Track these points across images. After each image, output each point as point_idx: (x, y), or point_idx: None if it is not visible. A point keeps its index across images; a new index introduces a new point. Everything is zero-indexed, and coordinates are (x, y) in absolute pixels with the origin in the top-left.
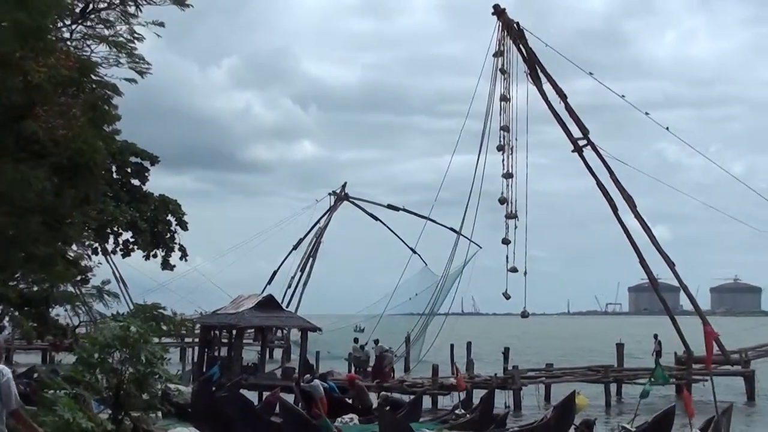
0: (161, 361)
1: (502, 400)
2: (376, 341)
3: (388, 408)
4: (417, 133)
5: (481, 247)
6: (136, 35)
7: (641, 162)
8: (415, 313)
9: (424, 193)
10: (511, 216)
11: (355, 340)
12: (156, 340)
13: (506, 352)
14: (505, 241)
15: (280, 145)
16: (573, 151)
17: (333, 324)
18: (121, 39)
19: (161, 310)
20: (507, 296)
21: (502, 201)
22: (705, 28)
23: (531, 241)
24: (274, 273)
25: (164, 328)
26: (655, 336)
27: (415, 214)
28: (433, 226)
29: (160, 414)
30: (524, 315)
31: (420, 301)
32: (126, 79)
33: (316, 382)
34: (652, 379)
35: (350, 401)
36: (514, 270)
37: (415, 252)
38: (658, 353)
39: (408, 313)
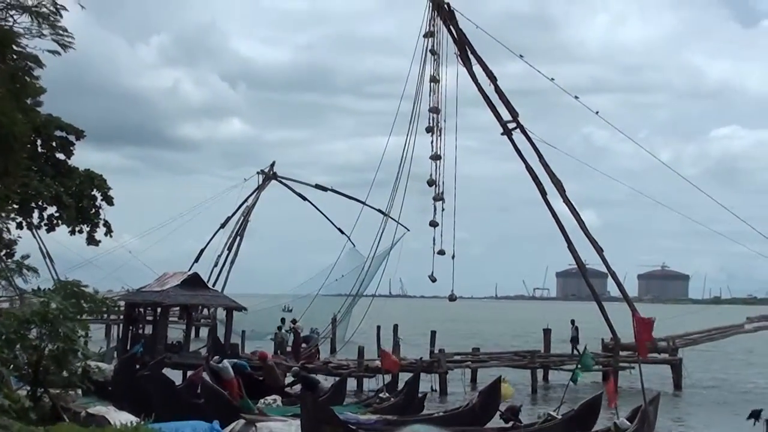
0: (81, 339)
1: (428, 384)
2: (294, 321)
3: (300, 385)
4: (345, 113)
5: (408, 230)
6: (59, 5)
7: (570, 146)
8: (343, 294)
9: (352, 174)
10: (439, 198)
11: (282, 321)
12: (78, 317)
13: (433, 336)
14: (433, 224)
15: (209, 123)
16: (502, 134)
17: (260, 304)
18: (44, 10)
19: (82, 287)
20: (433, 279)
21: (431, 183)
22: (635, 13)
23: (459, 224)
24: (201, 251)
25: (85, 305)
26: (572, 322)
27: (343, 195)
28: (361, 207)
29: (80, 391)
30: (452, 298)
31: (347, 282)
32: (49, 51)
33: (225, 363)
34: (579, 366)
35: (262, 379)
36: (441, 253)
37: (342, 233)
38: (575, 339)
39: (335, 293)
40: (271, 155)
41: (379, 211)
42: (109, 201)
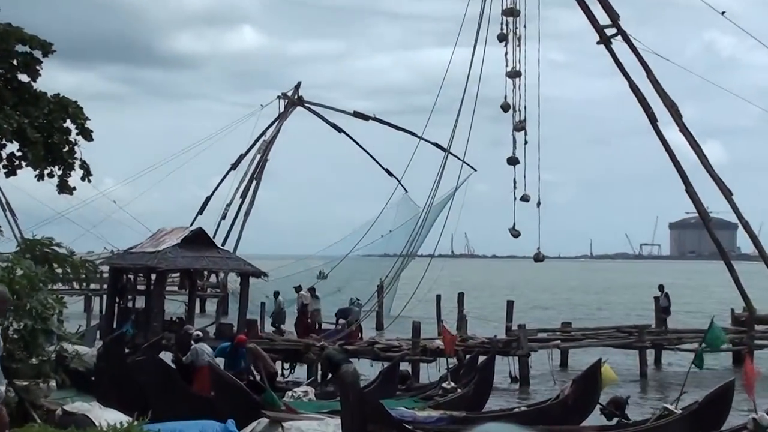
0: (55, 315)
1: (504, 369)
2: (298, 288)
3: (330, 372)
4: (388, 18)
5: (475, 170)
6: None
7: (688, 59)
8: (391, 254)
9: (399, 98)
10: (519, 127)
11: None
12: (50, 286)
13: (510, 307)
14: (512, 161)
15: (212, 33)
16: (598, 43)
17: (284, 268)
18: None
19: (55, 248)
20: (516, 233)
21: (506, 108)
22: None
23: (544, 161)
24: (207, 200)
25: (58, 271)
26: (661, 288)
27: (391, 125)
28: (416, 141)
29: (54, 383)
30: (538, 258)
31: (397, 239)
32: None
33: (201, 344)
34: (704, 345)
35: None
36: (525, 199)
37: (391, 175)
38: (666, 310)
39: (381, 253)
40: (296, 75)
41: (438, 146)
42: (87, 135)
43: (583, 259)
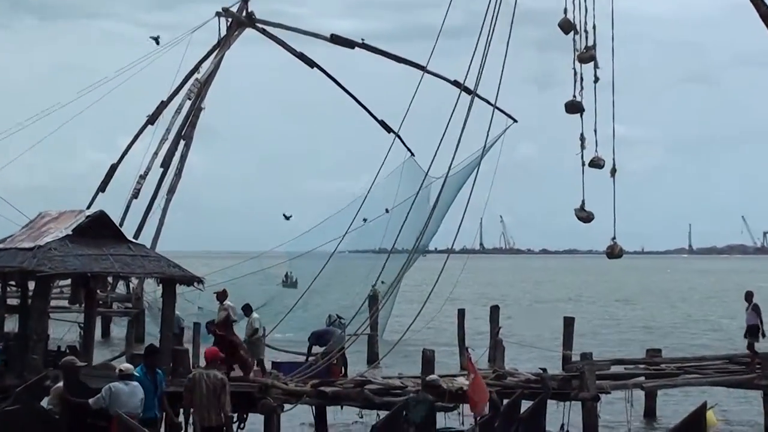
0: None
1: (557, 419)
2: (247, 310)
3: None
4: None
5: (516, 121)
6: None
7: None
8: (387, 248)
9: (396, 13)
10: (586, 57)
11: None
12: None
13: (568, 328)
14: (574, 108)
15: None
16: None
17: (230, 269)
18: None
19: None
20: (586, 216)
21: (567, 27)
22: None
23: (622, 109)
24: (112, 171)
25: None
26: (749, 297)
27: (385, 54)
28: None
29: None
30: (613, 253)
31: (396, 225)
32: None
33: (119, 384)
34: None
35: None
36: (595, 164)
37: (388, 129)
38: (754, 331)
39: (373, 248)
40: None
41: (458, 85)
42: None
43: (680, 255)
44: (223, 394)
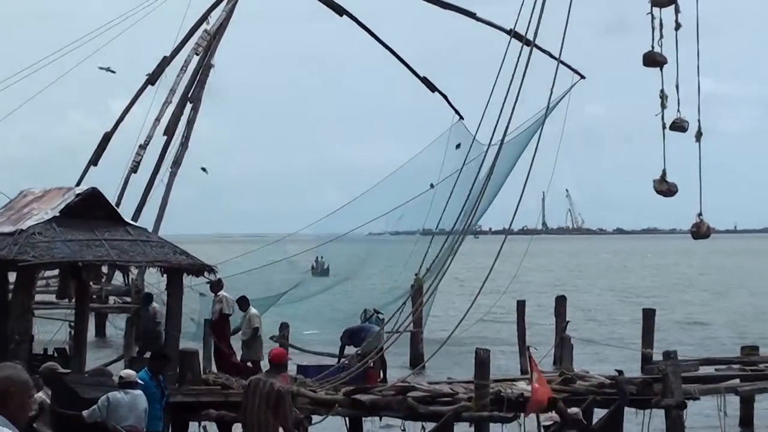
0: None
1: (637, 429)
2: (215, 284)
3: None
4: None
5: (583, 77)
6: None
7: None
8: (432, 229)
9: None
10: None
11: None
12: None
13: (648, 321)
14: (653, 60)
15: None
16: None
17: (249, 257)
18: None
19: None
20: (666, 187)
21: None
22: None
23: (708, 61)
24: (105, 140)
25: None
26: None
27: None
28: (466, 29)
29: None
30: (700, 232)
31: (440, 201)
32: None
33: (120, 393)
34: None
35: None
36: (678, 127)
37: (432, 87)
38: None
39: (412, 230)
40: None
41: (512, 34)
42: None
43: None
44: (282, 407)
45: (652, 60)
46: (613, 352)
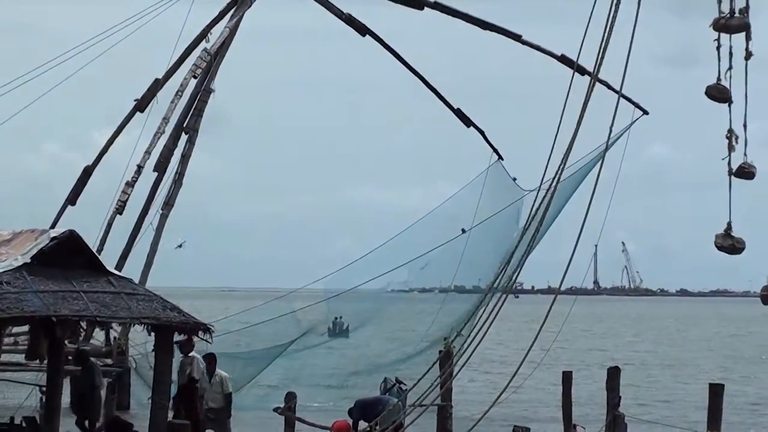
0: None
1: None
2: (211, 360)
3: None
4: None
5: (646, 112)
6: None
7: None
8: (465, 286)
9: None
10: (735, 24)
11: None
12: None
13: (715, 398)
14: (717, 94)
15: None
16: None
17: (251, 312)
18: None
19: None
20: (730, 244)
21: None
22: None
23: None
24: (86, 175)
25: None
26: None
27: (466, 18)
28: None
29: None
30: None
31: (474, 254)
32: None
33: None
34: None
35: None
36: (746, 173)
37: (467, 122)
38: None
39: (438, 286)
40: None
41: (566, 60)
42: None
43: None
44: None
45: (717, 94)
46: None
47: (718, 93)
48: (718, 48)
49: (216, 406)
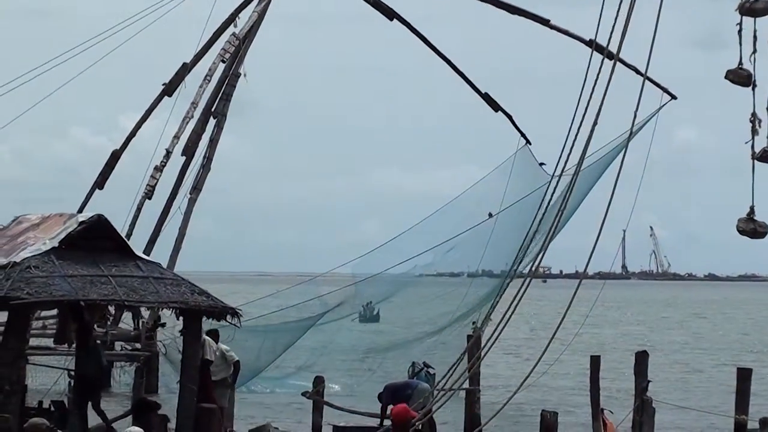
0: None
1: None
2: (214, 335)
3: None
4: None
5: (675, 97)
6: None
7: None
8: (491, 271)
9: None
10: (761, 6)
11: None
12: None
13: (743, 383)
14: (739, 78)
15: None
16: None
17: (279, 295)
18: None
19: None
20: (752, 229)
21: None
22: None
23: None
24: (114, 159)
25: None
26: None
27: (498, 4)
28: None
29: None
30: None
31: (501, 239)
32: None
33: None
34: None
35: None
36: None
37: (496, 107)
38: None
39: (464, 270)
40: None
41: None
42: None
43: None
44: None
45: (738, 78)
46: (701, 418)
47: (737, 77)
48: (739, 32)
49: (217, 379)
